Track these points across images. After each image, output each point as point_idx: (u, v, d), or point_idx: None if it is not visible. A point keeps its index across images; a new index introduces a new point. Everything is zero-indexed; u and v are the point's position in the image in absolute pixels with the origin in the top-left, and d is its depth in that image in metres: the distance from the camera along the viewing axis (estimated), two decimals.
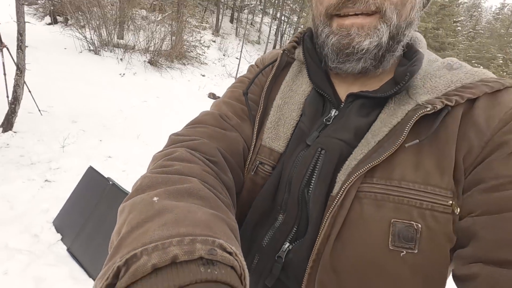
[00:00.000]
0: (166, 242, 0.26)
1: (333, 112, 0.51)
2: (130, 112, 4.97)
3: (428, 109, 0.41)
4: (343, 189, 0.42)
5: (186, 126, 0.53)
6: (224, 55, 12.15)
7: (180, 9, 8.91)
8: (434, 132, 0.42)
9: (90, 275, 1.85)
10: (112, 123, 4.32)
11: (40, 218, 2.24)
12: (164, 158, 0.42)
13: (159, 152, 0.46)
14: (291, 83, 0.56)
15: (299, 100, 0.54)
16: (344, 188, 0.42)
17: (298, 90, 0.55)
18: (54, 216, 2.24)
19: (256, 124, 0.54)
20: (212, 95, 7.62)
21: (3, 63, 3.51)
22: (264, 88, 0.55)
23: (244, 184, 0.53)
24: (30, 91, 3.71)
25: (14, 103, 3.40)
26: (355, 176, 0.42)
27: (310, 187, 0.47)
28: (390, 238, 0.40)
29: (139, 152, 3.71)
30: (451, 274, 0.42)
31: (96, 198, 2.15)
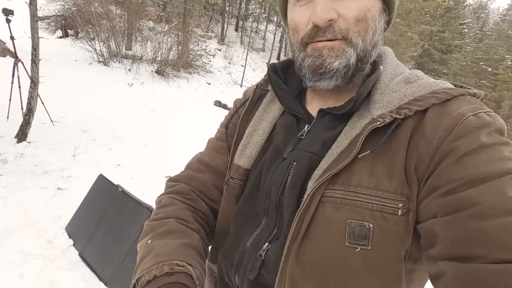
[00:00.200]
0: (151, 268, 0.50)
1: (306, 128, 0.58)
2: (138, 121, 5.10)
3: (378, 123, 0.47)
4: (308, 194, 0.48)
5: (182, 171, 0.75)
6: (229, 63, 12.33)
7: (186, 19, 9.11)
8: (386, 142, 0.47)
9: (101, 279, 1.93)
10: (121, 132, 4.44)
11: (53, 224, 2.33)
12: (156, 207, 0.66)
13: (157, 197, 0.69)
14: (262, 113, 0.65)
15: (266, 126, 0.63)
16: (308, 193, 0.48)
17: (267, 117, 0.64)
18: (67, 222, 2.34)
19: (231, 149, 0.66)
20: (217, 103, 7.73)
21: (18, 76, 3.69)
22: (239, 121, 0.67)
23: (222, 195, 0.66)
24: (43, 103, 3.86)
25: (28, 114, 3.55)
26: (317, 183, 0.48)
27: (284, 194, 0.54)
28: (346, 236, 0.46)
29: (147, 160, 3.81)
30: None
31: (106, 205, 2.23)
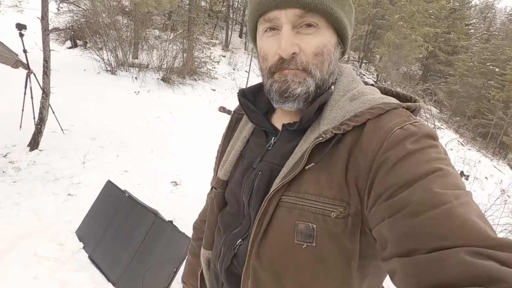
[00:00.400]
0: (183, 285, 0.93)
1: (272, 140, 0.67)
2: (144, 128, 5.23)
3: (321, 138, 0.53)
4: (264, 200, 0.57)
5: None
6: (233, 69, 12.47)
7: (190, 27, 9.31)
8: (328, 155, 0.54)
9: (109, 279, 2.02)
10: (128, 139, 4.57)
11: (65, 229, 2.44)
12: (188, 250, 0.99)
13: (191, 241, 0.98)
14: (239, 134, 0.75)
15: (239, 145, 0.73)
16: (265, 199, 0.57)
17: (240, 137, 0.74)
18: (77, 227, 2.43)
19: (217, 166, 0.79)
20: (222, 109, 7.84)
21: (31, 87, 3.86)
22: (221, 141, 0.81)
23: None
24: (53, 112, 4.02)
25: (40, 124, 3.70)
26: (272, 190, 0.57)
27: (251, 199, 0.64)
28: (295, 235, 0.54)
29: (153, 165, 3.92)
30: None
31: (114, 210, 2.33)
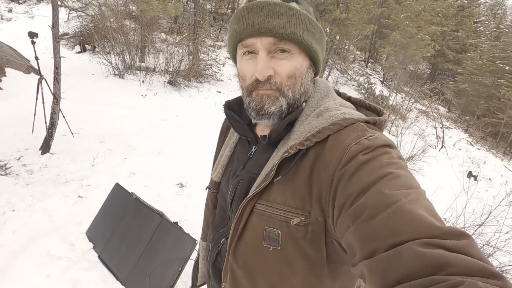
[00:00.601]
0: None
1: (253, 149, 0.73)
2: (151, 131, 5.33)
3: (287, 154, 0.58)
4: (240, 206, 0.64)
5: None
6: None
7: (196, 31, 9.42)
8: (293, 168, 0.58)
9: (117, 278, 2.11)
10: (135, 141, 4.67)
11: (75, 229, 2.54)
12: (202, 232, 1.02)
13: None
14: (229, 140, 0.82)
15: (228, 150, 0.80)
16: (241, 206, 0.64)
17: (229, 143, 0.81)
18: (87, 227, 2.53)
19: (213, 167, 0.87)
20: None
21: (42, 93, 3.99)
22: (216, 145, 0.90)
23: None
24: (64, 116, 4.14)
25: (51, 128, 3.83)
26: (246, 199, 0.63)
27: (233, 204, 0.71)
28: (263, 239, 0.60)
29: (159, 168, 4.01)
30: None
31: (121, 211, 2.41)
